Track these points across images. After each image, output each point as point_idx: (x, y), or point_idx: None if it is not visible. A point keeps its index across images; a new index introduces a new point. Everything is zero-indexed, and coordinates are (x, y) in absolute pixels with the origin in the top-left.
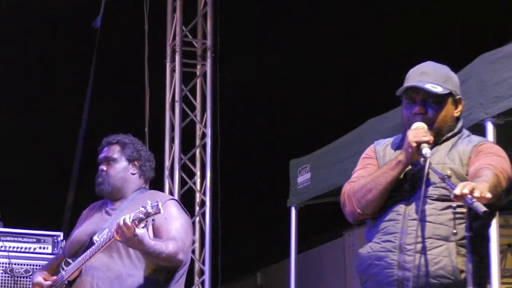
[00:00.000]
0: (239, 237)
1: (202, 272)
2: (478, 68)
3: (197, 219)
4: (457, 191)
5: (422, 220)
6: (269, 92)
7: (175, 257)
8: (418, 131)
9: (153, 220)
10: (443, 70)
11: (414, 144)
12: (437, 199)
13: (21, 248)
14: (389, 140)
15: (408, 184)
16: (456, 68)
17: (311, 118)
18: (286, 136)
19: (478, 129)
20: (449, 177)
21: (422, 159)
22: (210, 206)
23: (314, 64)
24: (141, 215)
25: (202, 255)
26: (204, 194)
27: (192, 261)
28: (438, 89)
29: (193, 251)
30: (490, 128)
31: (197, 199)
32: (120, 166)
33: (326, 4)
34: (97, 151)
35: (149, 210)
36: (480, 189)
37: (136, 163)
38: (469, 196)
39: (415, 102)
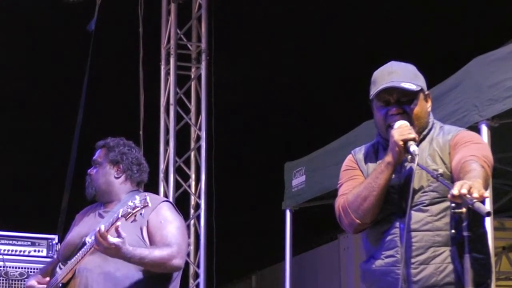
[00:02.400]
0: (234, 240)
1: (197, 275)
2: (473, 71)
3: (192, 222)
4: (455, 191)
5: (420, 230)
6: (264, 95)
7: (167, 263)
8: (403, 129)
9: (141, 214)
10: (410, 67)
11: (401, 143)
12: (430, 204)
13: (16, 251)
14: (363, 148)
15: (397, 195)
16: (451, 71)
17: (305, 121)
18: (281, 139)
19: (473, 132)
20: (442, 175)
21: (409, 157)
22: (205, 209)
23: (309, 66)
24: (129, 210)
25: (197, 258)
26: (199, 197)
27: (187, 264)
28: (413, 87)
29: (188, 254)
30: (484, 130)
31: (192, 202)
32: (103, 170)
33: (321, 8)
34: (92, 154)
35: (137, 204)
36: (477, 188)
37: (120, 166)
38: (468, 196)
39: (389, 104)
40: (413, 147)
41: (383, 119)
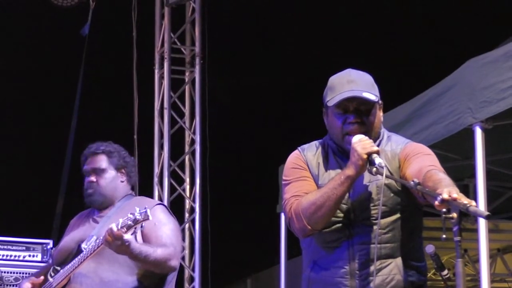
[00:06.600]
0: (229, 244)
1: (192, 279)
2: (466, 73)
3: (187, 225)
4: (444, 196)
5: (368, 243)
6: (258, 98)
7: (166, 263)
8: (364, 142)
9: (141, 226)
10: (367, 76)
11: (365, 156)
12: (379, 218)
13: (11, 256)
14: (312, 147)
15: (346, 206)
16: (445, 73)
17: (299, 124)
18: (275, 142)
19: (467, 134)
20: (419, 183)
21: (374, 169)
22: (199, 212)
23: (303, 70)
24: (129, 222)
25: (192, 261)
26: (194, 200)
27: (182, 267)
28: (373, 97)
29: (183, 258)
30: (478, 132)
31: (187, 206)
32: (109, 175)
33: (314, 12)
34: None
35: (138, 217)
36: (462, 195)
37: (123, 170)
38: (460, 201)
39: (347, 112)
40: (378, 159)
41: (341, 127)
